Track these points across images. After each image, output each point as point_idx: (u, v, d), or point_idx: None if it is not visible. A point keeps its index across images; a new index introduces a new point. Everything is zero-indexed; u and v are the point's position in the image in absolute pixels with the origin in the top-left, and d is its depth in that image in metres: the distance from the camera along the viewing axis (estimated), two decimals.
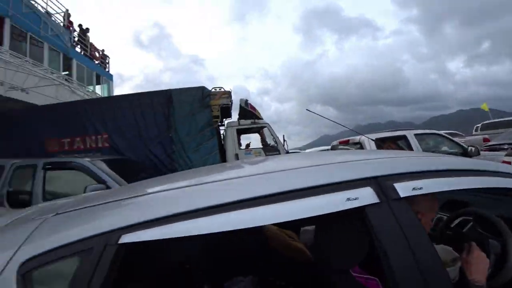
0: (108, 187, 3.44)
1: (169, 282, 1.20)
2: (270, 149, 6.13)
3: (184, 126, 5.90)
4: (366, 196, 0.74)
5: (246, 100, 6.58)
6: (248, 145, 6.66)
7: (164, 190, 0.88)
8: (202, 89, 6.09)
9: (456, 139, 5.83)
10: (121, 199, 0.84)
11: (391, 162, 0.95)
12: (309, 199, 0.72)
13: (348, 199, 0.72)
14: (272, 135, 6.34)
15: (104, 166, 3.84)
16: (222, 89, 6.42)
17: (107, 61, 13.88)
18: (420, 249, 0.69)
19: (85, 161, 3.83)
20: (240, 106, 6.60)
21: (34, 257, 0.64)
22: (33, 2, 9.34)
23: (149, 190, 0.95)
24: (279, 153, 5.92)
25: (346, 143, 5.90)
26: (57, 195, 3.68)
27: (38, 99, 7.86)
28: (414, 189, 0.77)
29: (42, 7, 9.76)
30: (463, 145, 5.17)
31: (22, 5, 8.53)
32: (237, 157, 5.99)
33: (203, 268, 1.31)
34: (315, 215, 0.71)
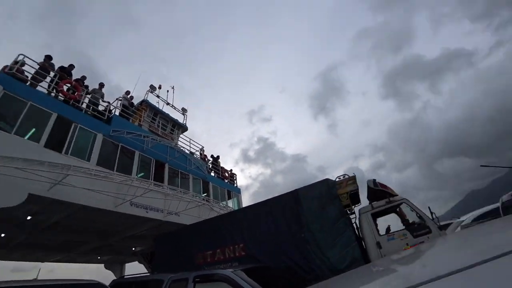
0: None
1: None
2: (417, 228, 5.11)
3: (315, 222, 5.53)
4: None
5: (374, 180, 5.87)
6: (388, 229, 5.73)
7: None
8: (327, 181, 5.89)
9: None
10: None
11: None
12: None
13: None
14: (414, 210, 5.31)
15: (245, 276, 3.83)
16: (346, 176, 6.03)
17: (234, 178, 16.18)
18: None
19: (229, 272, 3.90)
20: (369, 188, 5.90)
21: None
22: (183, 148, 12.63)
23: None
24: (429, 230, 4.91)
25: None
26: None
27: (187, 219, 9.40)
28: None
29: (187, 149, 13.01)
30: None
31: (175, 152, 11.64)
32: (379, 245, 5.11)
33: None
34: None
